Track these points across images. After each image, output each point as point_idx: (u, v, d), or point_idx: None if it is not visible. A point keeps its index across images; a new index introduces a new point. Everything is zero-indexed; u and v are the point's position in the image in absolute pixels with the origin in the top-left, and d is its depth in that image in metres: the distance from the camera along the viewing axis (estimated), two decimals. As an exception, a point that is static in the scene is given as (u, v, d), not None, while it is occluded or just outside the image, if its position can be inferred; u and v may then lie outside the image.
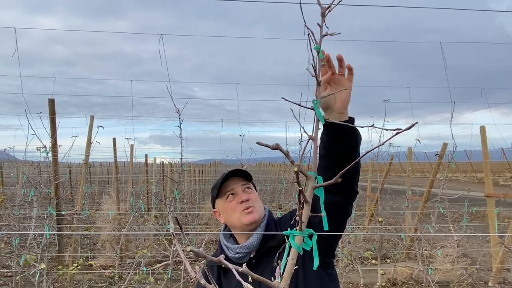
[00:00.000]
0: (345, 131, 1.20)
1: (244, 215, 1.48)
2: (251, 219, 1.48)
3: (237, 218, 1.50)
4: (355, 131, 1.23)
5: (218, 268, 1.56)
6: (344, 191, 1.29)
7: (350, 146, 1.23)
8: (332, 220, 1.29)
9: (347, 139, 1.22)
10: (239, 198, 1.51)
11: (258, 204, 1.53)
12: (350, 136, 1.22)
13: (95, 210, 7.84)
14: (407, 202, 6.33)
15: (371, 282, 5.61)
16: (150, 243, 6.07)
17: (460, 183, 20.34)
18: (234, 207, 1.50)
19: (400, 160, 11.52)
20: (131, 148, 7.69)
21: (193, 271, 0.63)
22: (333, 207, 1.27)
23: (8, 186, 12.02)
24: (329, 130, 1.22)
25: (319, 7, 0.83)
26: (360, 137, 1.26)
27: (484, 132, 5.60)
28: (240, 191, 1.52)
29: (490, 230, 5.41)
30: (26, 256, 4.14)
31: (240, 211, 1.49)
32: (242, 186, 1.54)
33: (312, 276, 1.38)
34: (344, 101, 1.21)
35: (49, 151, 4.36)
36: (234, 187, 1.53)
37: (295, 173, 0.66)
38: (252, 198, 1.52)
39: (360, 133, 1.26)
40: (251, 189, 1.56)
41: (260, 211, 1.52)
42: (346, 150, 1.23)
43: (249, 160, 5.89)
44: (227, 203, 1.53)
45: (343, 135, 1.21)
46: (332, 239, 1.40)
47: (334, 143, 1.22)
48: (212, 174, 19.85)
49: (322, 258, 1.39)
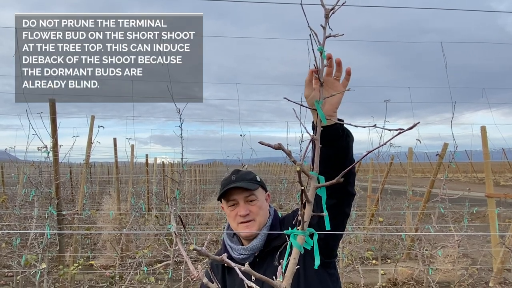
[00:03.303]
0: (334, 135, 1.16)
1: (241, 228, 1.49)
2: (247, 234, 1.49)
3: (235, 228, 1.52)
4: (344, 133, 1.19)
5: (222, 266, 1.56)
6: (339, 194, 1.26)
7: (340, 149, 1.18)
8: (330, 222, 1.29)
9: (337, 143, 1.17)
10: (239, 210, 1.50)
11: (261, 213, 1.51)
12: (340, 139, 1.18)
13: (96, 210, 7.85)
14: (408, 202, 6.33)
15: (372, 282, 5.61)
16: (150, 243, 6.07)
17: (460, 183, 20.33)
18: (234, 217, 1.51)
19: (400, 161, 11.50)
20: (132, 148, 7.69)
21: (196, 270, 0.64)
22: (329, 209, 1.26)
23: (9, 186, 12.03)
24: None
25: (322, 8, 0.83)
26: (351, 139, 1.21)
27: (485, 132, 5.59)
28: (242, 202, 1.51)
29: (490, 230, 5.41)
30: (27, 256, 4.15)
31: (238, 222, 1.50)
32: (245, 198, 1.51)
33: (313, 276, 1.38)
34: (334, 104, 1.17)
35: (50, 151, 4.36)
36: (237, 197, 1.51)
37: (297, 172, 0.66)
38: (253, 210, 1.50)
39: (351, 135, 1.22)
40: (255, 199, 1.53)
41: (260, 222, 1.51)
42: (336, 154, 1.18)
43: (249, 160, 5.89)
44: (228, 211, 1.54)
45: (332, 139, 1.16)
46: (331, 240, 1.38)
47: (325, 148, 1.17)
48: (213, 174, 19.86)
49: (322, 259, 1.38)
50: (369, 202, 8.95)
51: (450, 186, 5.12)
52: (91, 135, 5.50)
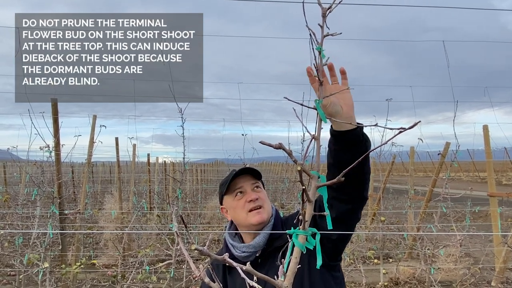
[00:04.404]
0: (354, 140, 1.16)
1: (252, 215, 1.46)
2: (259, 220, 1.46)
3: (244, 217, 1.48)
4: (363, 139, 1.19)
5: (223, 266, 1.55)
6: (356, 199, 1.28)
7: (359, 155, 1.17)
8: (344, 226, 1.31)
9: (356, 148, 1.17)
10: (247, 196, 1.49)
11: (267, 203, 1.51)
12: (359, 144, 1.18)
13: (98, 209, 7.87)
14: (410, 202, 6.31)
15: (374, 281, 5.60)
16: (152, 242, 6.08)
17: (462, 183, 20.28)
18: (242, 205, 1.48)
19: (402, 160, 11.47)
20: (134, 148, 7.71)
21: (197, 270, 0.64)
22: (345, 214, 1.28)
23: (12, 185, 12.07)
24: (336, 139, 1.19)
25: (320, 7, 0.83)
26: (369, 144, 1.22)
27: (487, 131, 5.57)
28: (249, 189, 1.50)
29: (493, 229, 5.40)
30: (29, 255, 4.16)
31: (248, 210, 1.47)
32: (252, 185, 1.51)
33: (318, 278, 1.38)
34: (349, 104, 1.17)
35: (52, 150, 4.36)
36: (243, 185, 1.51)
37: (299, 172, 0.66)
38: (261, 197, 1.50)
39: (369, 140, 1.22)
40: (260, 188, 1.54)
41: (268, 211, 1.50)
42: (356, 158, 1.18)
43: (251, 159, 5.89)
44: (235, 201, 1.51)
45: (352, 145, 1.17)
46: (340, 243, 1.38)
47: (343, 152, 1.18)
48: (214, 173, 19.85)
49: (327, 261, 1.39)
50: (371, 201, 8.92)
51: (452, 185, 5.11)
52: (93, 134, 5.51)
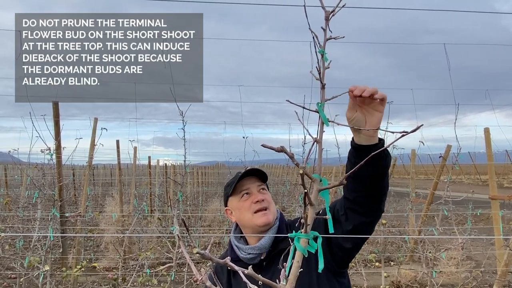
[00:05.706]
0: (375, 155, 1.18)
1: (258, 217, 1.46)
2: (265, 221, 1.46)
3: (249, 218, 1.48)
4: (384, 154, 1.19)
5: (228, 269, 1.54)
6: (373, 212, 1.30)
7: (380, 169, 1.19)
8: (359, 238, 1.33)
9: (377, 163, 1.17)
10: (254, 198, 1.49)
11: (272, 206, 1.52)
12: (380, 159, 1.17)
13: (99, 212, 7.87)
14: (411, 205, 6.30)
15: (375, 285, 5.58)
16: (153, 245, 6.08)
17: (464, 185, 20.25)
18: (248, 206, 1.48)
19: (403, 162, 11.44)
20: (135, 150, 7.70)
21: (199, 273, 0.64)
22: (360, 226, 1.30)
23: (12, 188, 12.07)
24: (357, 152, 1.19)
25: (323, 10, 0.83)
26: (390, 159, 1.22)
27: (489, 134, 5.56)
28: (255, 191, 1.50)
29: (494, 232, 5.37)
30: (30, 257, 4.16)
31: (253, 211, 1.47)
32: (258, 187, 1.52)
33: (325, 283, 1.38)
34: (374, 126, 1.16)
35: (53, 153, 4.37)
36: (250, 186, 1.51)
37: (300, 175, 0.66)
38: (267, 199, 1.50)
39: (390, 155, 1.22)
40: (266, 190, 1.54)
41: (274, 213, 1.50)
42: (376, 173, 1.19)
43: (252, 162, 5.89)
44: (241, 202, 1.50)
45: (373, 159, 1.18)
46: (355, 252, 1.41)
47: (363, 166, 1.19)
48: (215, 176, 19.84)
49: (336, 268, 1.41)
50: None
51: (453, 188, 5.10)
52: (94, 137, 5.51)
